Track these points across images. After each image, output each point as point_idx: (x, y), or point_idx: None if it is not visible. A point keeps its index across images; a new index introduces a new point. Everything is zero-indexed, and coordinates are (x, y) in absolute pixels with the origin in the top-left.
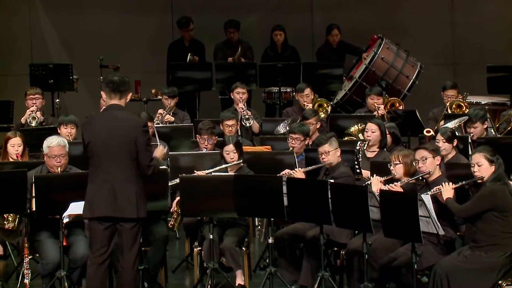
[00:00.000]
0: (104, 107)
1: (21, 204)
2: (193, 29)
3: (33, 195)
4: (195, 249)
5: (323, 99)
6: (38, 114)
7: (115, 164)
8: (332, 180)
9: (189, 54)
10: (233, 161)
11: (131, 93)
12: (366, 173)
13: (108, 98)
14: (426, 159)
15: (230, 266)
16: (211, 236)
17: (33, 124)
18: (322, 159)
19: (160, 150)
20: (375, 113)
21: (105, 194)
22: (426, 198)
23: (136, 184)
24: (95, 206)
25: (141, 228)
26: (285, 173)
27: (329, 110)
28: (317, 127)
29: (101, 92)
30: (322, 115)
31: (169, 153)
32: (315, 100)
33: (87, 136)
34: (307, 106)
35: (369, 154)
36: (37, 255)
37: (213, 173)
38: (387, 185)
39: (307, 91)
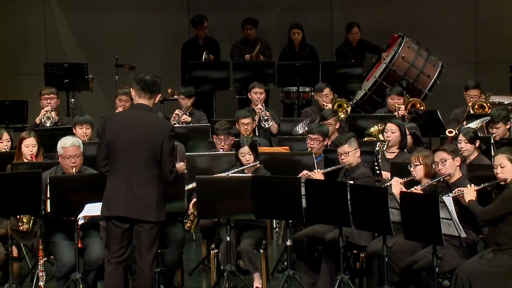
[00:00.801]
0: (120, 107)
1: (35, 206)
2: (208, 28)
3: (48, 196)
4: (212, 252)
5: (343, 99)
6: (53, 114)
7: (137, 165)
8: (351, 182)
9: (204, 53)
10: (248, 163)
11: (160, 95)
12: (386, 174)
13: (137, 96)
14: (445, 160)
15: (247, 269)
16: (228, 238)
17: (48, 124)
18: (342, 159)
19: (180, 166)
20: (396, 113)
21: (124, 195)
22: (448, 200)
23: (157, 186)
24: (112, 205)
25: (159, 229)
26: (304, 175)
27: (348, 111)
28: (336, 127)
29: (131, 88)
30: (342, 116)
31: (186, 153)
32: (334, 100)
33: (110, 134)
34: (326, 106)
35: (389, 155)
36: (52, 257)
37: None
38: (409, 188)
39: (326, 91)
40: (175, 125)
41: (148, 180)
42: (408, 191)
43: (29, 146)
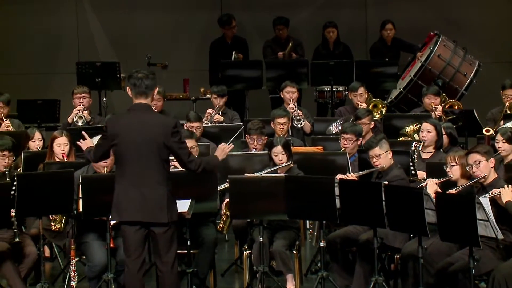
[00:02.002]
0: (152, 106)
1: (67, 205)
2: (235, 27)
3: (80, 196)
4: (244, 252)
5: (379, 99)
6: (85, 113)
7: (144, 167)
8: (386, 182)
9: (234, 52)
10: (281, 163)
11: (157, 89)
12: (421, 174)
13: (134, 97)
14: (479, 162)
15: (280, 270)
16: (261, 239)
17: (80, 124)
18: (374, 162)
19: (222, 152)
20: (432, 113)
21: (134, 198)
22: (485, 201)
23: (166, 187)
24: (123, 209)
25: (175, 230)
26: (337, 178)
27: (383, 111)
28: (371, 127)
29: (127, 88)
30: (377, 116)
31: None
32: (370, 101)
33: (113, 137)
34: (360, 105)
35: (425, 155)
36: (84, 257)
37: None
38: (445, 189)
39: (361, 90)
40: (207, 125)
41: (157, 181)
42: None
43: (61, 146)
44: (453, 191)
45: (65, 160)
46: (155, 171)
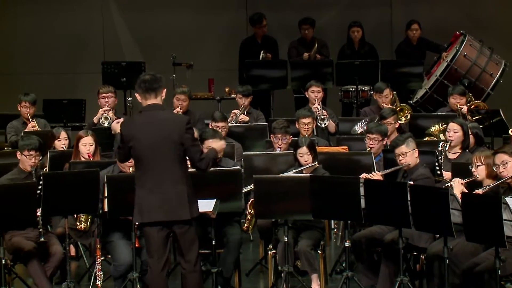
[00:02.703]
0: (177, 106)
1: (93, 205)
2: (266, 26)
3: (105, 195)
4: (269, 252)
5: (405, 105)
6: (111, 114)
7: (163, 166)
8: (411, 182)
9: (262, 51)
10: (307, 164)
11: (165, 89)
12: (447, 174)
13: (144, 99)
14: (506, 163)
15: (305, 270)
16: (285, 239)
17: (105, 124)
18: (399, 160)
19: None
20: (458, 113)
21: (156, 199)
22: (511, 201)
23: (186, 184)
24: (145, 211)
25: (196, 228)
26: (362, 177)
27: (408, 117)
28: (396, 126)
29: (136, 94)
30: (402, 120)
31: (243, 153)
32: (397, 105)
33: (129, 139)
34: (386, 107)
35: (451, 155)
36: (109, 256)
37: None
38: (470, 189)
39: (386, 91)
40: (232, 125)
41: (176, 180)
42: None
43: (87, 145)
44: (479, 191)
45: (91, 160)
46: (173, 169)
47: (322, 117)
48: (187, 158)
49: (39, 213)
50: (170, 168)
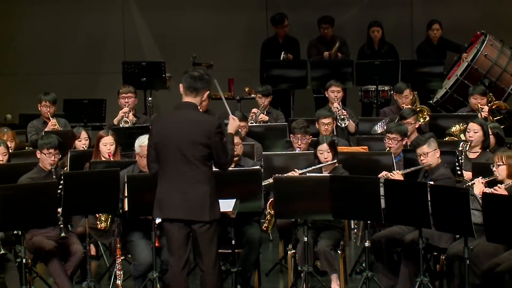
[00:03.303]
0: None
1: (113, 204)
2: (288, 26)
3: (126, 195)
4: (289, 252)
5: (425, 106)
6: (131, 116)
7: (187, 165)
8: (431, 182)
9: (283, 52)
10: (327, 161)
11: (208, 92)
12: (467, 174)
13: (184, 94)
14: None
15: (325, 270)
16: (305, 239)
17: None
18: (421, 160)
19: (233, 125)
20: (479, 114)
21: (177, 198)
22: None
23: (209, 185)
24: (165, 207)
25: (216, 228)
26: (383, 175)
27: (427, 118)
28: (416, 126)
29: (180, 85)
30: (421, 121)
31: (263, 153)
32: (416, 106)
33: (157, 136)
34: (406, 107)
35: (471, 155)
36: (129, 256)
37: (307, 174)
38: (491, 188)
39: (406, 92)
40: (252, 124)
41: (199, 180)
42: (491, 191)
43: (107, 145)
44: (502, 186)
45: (111, 159)
46: (198, 170)
47: (342, 116)
48: (214, 160)
49: (59, 213)
50: (194, 168)
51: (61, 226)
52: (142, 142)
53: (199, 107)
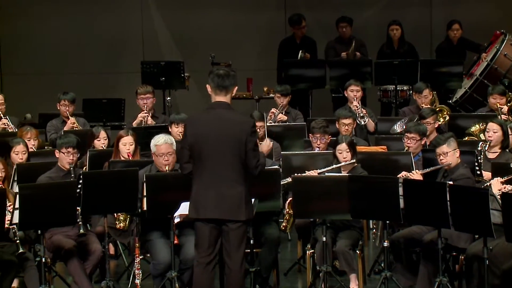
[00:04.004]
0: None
1: (132, 204)
2: (305, 27)
3: (144, 194)
4: (307, 252)
5: (445, 106)
6: (149, 120)
7: (223, 166)
8: (450, 182)
9: (300, 51)
10: (345, 161)
11: (237, 87)
12: (487, 174)
13: (213, 94)
14: None
15: (343, 270)
16: (324, 239)
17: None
18: (440, 160)
19: (265, 145)
20: (498, 113)
21: (212, 197)
22: None
23: (244, 185)
24: (201, 207)
25: (247, 228)
26: (402, 176)
27: (447, 118)
28: (435, 126)
29: (207, 85)
30: (441, 121)
31: (282, 152)
32: (436, 105)
33: (192, 136)
34: (425, 107)
35: (490, 155)
36: (148, 255)
37: (325, 173)
38: (507, 185)
39: (426, 92)
40: (270, 124)
41: (235, 180)
42: (506, 188)
43: (127, 144)
44: None
45: (130, 159)
46: (233, 170)
47: (362, 114)
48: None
49: (78, 212)
50: (230, 167)
51: (80, 222)
52: (157, 141)
53: (230, 101)
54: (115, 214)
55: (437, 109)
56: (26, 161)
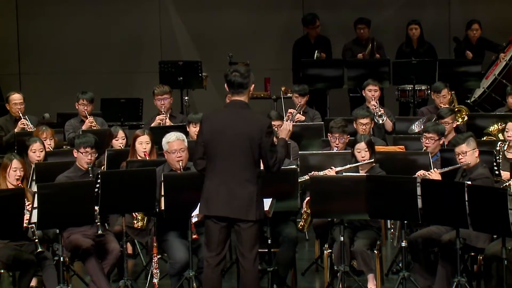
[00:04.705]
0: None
1: (150, 203)
2: (319, 26)
3: (162, 194)
4: (325, 252)
5: (463, 106)
6: (168, 122)
7: (235, 164)
8: (469, 182)
9: (316, 51)
10: (364, 160)
11: (253, 85)
12: (505, 174)
13: (230, 94)
14: None
15: (361, 270)
16: (341, 238)
17: None
18: (459, 159)
19: (285, 129)
20: None
21: (223, 195)
22: None
23: (256, 185)
24: (212, 204)
25: (259, 227)
26: (420, 174)
27: (466, 118)
28: (454, 126)
29: (225, 85)
30: (459, 121)
31: (299, 152)
32: (454, 105)
33: (207, 133)
34: (443, 107)
35: (509, 155)
36: (166, 254)
37: (343, 172)
38: None
39: (444, 92)
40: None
41: (247, 179)
42: None
43: (143, 144)
44: None
45: (147, 158)
46: (246, 169)
47: (380, 113)
48: (261, 160)
49: (97, 211)
50: (243, 166)
51: (98, 224)
52: (169, 138)
53: (247, 100)
54: (133, 214)
55: (456, 109)
56: (43, 160)
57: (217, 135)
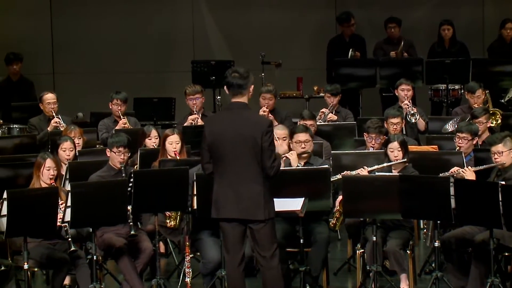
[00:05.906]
0: (264, 105)
1: (182, 202)
2: (354, 25)
3: (195, 193)
4: (357, 251)
5: (498, 109)
6: (200, 122)
7: (242, 165)
8: (503, 182)
9: (351, 50)
10: (397, 160)
11: (253, 86)
12: None
13: (230, 96)
14: None
15: (394, 270)
16: (374, 238)
17: None
18: (495, 159)
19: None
20: None
21: (231, 196)
22: None
23: (263, 185)
24: (221, 206)
25: (273, 225)
26: (454, 171)
27: (499, 121)
28: (487, 126)
29: (224, 87)
30: (493, 124)
31: (332, 152)
32: (489, 106)
33: (210, 136)
34: (477, 107)
35: None
36: (198, 253)
37: (376, 171)
38: None
39: (479, 92)
40: (320, 123)
41: (253, 180)
42: None
43: (173, 143)
44: None
45: (177, 158)
46: (251, 169)
47: (412, 112)
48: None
49: (129, 210)
50: (249, 167)
51: (131, 224)
52: None
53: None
54: (166, 213)
55: (490, 111)
56: (73, 159)
57: (219, 137)
